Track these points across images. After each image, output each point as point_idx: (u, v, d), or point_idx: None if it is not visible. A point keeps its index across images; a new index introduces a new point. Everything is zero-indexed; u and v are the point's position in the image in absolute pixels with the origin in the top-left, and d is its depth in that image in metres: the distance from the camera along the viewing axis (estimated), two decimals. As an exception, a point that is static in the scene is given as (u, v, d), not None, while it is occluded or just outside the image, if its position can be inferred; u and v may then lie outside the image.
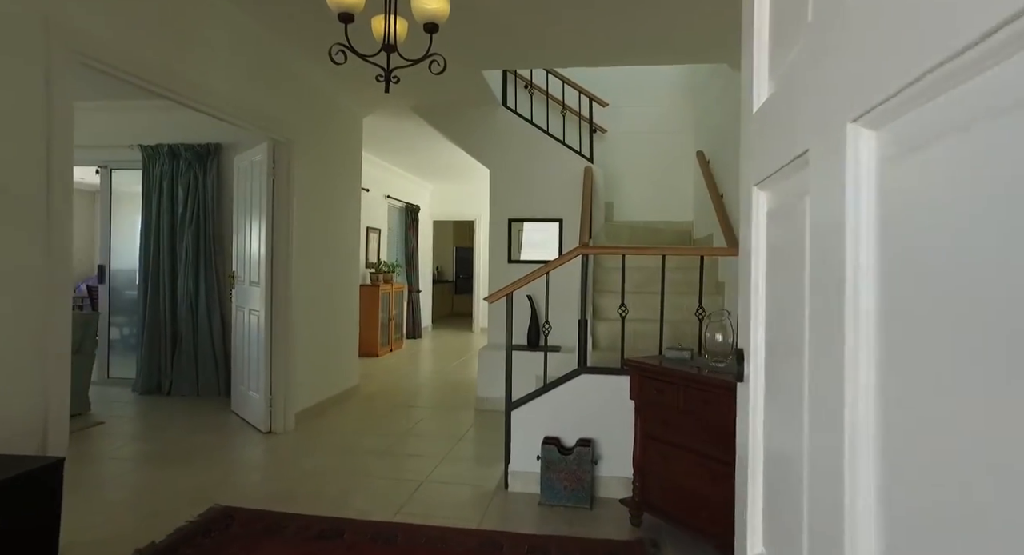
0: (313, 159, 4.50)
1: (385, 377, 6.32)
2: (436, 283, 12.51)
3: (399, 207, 9.23)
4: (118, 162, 5.37)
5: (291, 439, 3.98)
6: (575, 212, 5.16)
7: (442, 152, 7.41)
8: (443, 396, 5.46)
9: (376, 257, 8.22)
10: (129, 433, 4.08)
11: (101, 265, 5.51)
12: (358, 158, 5.38)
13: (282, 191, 4.06)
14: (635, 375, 2.75)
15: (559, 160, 5.26)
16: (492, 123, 5.31)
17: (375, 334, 7.63)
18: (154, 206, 5.17)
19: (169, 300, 5.14)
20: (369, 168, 7.76)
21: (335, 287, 4.95)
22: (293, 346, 4.19)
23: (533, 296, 5.06)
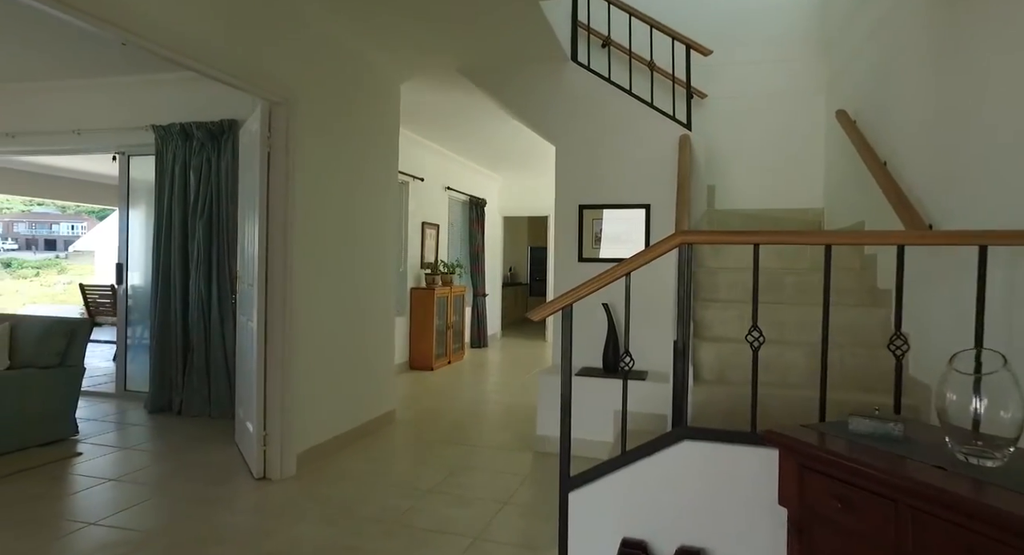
0: (329, 130, 3.57)
1: (433, 398, 5.33)
2: (508, 285, 11.51)
3: (462, 200, 8.28)
4: (136, 147, 4.73)
5: (283, 491, 3.03)
6: (667, 195, 3.92)
7: (507, 133, 6.35)
8: (497, 428, 4.38)
9: (434, 256, 7.30)
10: (94, 471, 3.30)
11: (119, 264, 4.90)
12: (394, 133, 4.42)
13: (279, 167, 3.14)
14: (790, 462, 1.53)
15: (646, 128, 4.03)
16: (558, 84, 4.17)
17: (429, 344, 6.70)
18: (166, 195, 4.46)
19: (180, 305, 4.41)
20: (424, 155, 6.85)
21: (363, 292, 4.00)
22: (294, 366, 3.26)
23: (612, 304, 3.88)
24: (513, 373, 6.72)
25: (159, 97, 4.58)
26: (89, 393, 5.05)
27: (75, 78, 4.71)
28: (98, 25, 2.21)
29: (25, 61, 4.41)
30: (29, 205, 26.43)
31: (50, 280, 21.47)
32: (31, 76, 4.74)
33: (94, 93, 4.77)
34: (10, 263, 23.00)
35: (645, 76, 4.20)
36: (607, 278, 2.06)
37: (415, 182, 6.73)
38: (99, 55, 4.21)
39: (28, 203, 25.49)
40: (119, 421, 4.26)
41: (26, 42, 4.06)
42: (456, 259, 7.86)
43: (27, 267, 22.87)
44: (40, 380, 3.62)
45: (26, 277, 21.32)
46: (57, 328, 3.69)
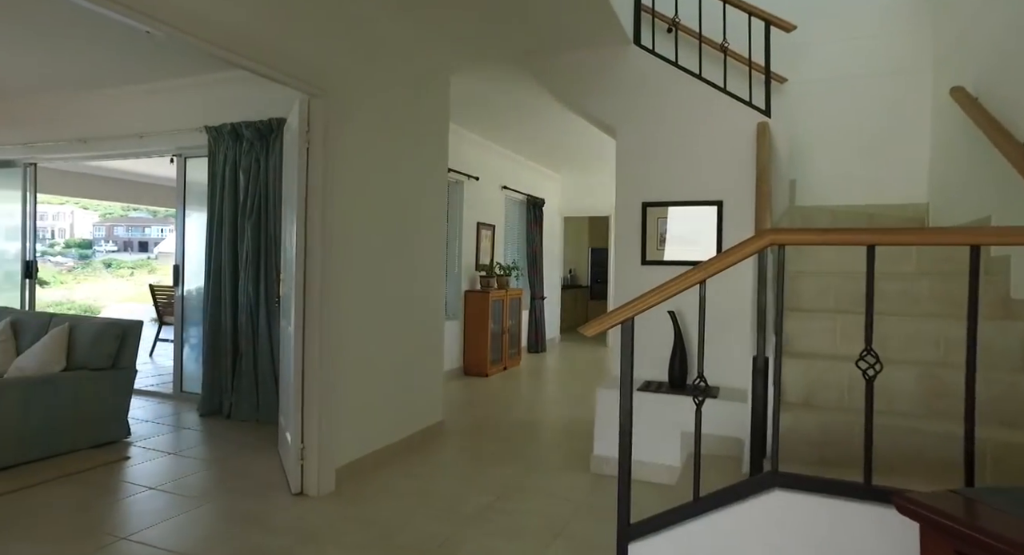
0: (373, 125, 3.37)
1: (485, 407, 5.08)
2: (567, 288, 11.16)
3: (519, 200, 8.01)
4: (191, 149, 4.74)
5: (319, 510, 2.84)
6: (742, 190, 3.50)
7: (565, 129, 6.03)
8: (552, 444, 4.06)
9: (489, 258, 7.07)
10: (138, 477, 3.24)
11: (176, 265, 4.93)
12: (443, 128, 4.19)
13: (318, 163, 2.96)
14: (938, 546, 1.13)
15: (718, 116, 3.62)
16: (619, 70, 3.82)
17: (484, 349, 6.46)
18: (217, 196, 4.43)
19: (230, 307, 4.36)
20: (479, 153, 6.63)
21: (410, 296, 3.79)
22: (334, 375, 3.07)
23: (679, 311, 3.50)
24: (572, 381, 6.38)
25: (211, 98, 4.55)
26: (151, 393, 5.12)
27: (136, 84, 4.77)
28: (123, 12, 2.07)
29: (92, 70, 4.49)
30: (127, 210, 28.41)
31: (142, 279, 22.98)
32: (99, 84, 4.84)
33: (153, 97, 4.82)
34: (110, 263, 24.76)
35: (716, 62, 3.78)
36: (677, 286, 1.72)
37: (470, 181, 6.51)
38: (156, 60, 4.22)
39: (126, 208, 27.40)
40: (171, 424, 4.24)
41: (92, 52, 4.13)
42: (512, 261, 7.60)
43: (124, 267, 24.57)
44: (93, 382, 3.61)
45: (123, 276, 22.87)
46: (109, 330, 3.68)
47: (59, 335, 3.66)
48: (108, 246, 30.22)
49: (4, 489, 2.99)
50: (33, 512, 2.75)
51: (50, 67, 4.51)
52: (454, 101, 5.07)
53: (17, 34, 3.89)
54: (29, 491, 2.99)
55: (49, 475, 3.18)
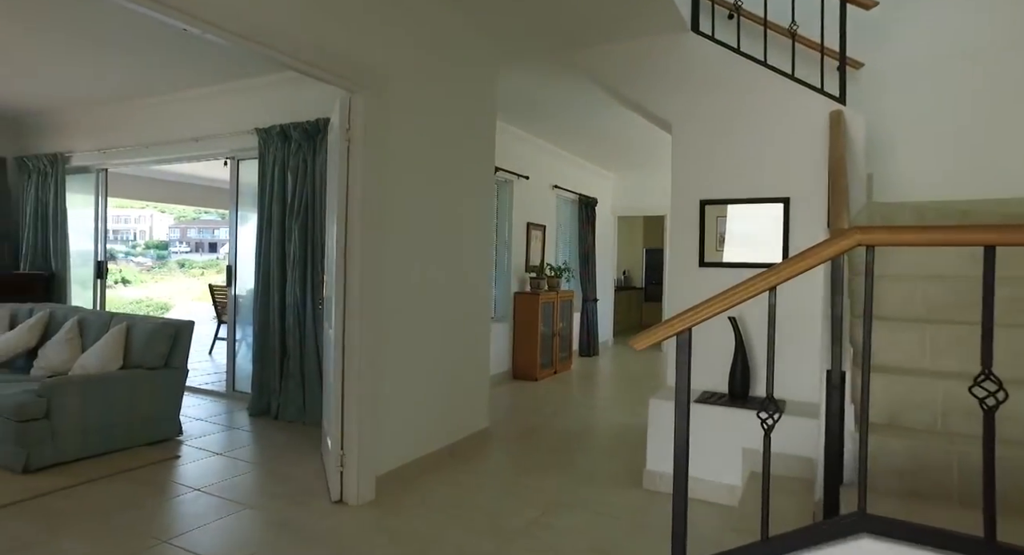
0: (417, 121, 3.27)
1: (534, 413, 4.91)
2: (621, 290, 10.86)
3: (570, 200, 7.81)
4: (243, 151, 4.80)
5: (357, 520, 2.76)
6: (812, 185, 3.20)
7: (619, 125, 5.80)
8: (603, 454, 3.86)
9: (540, 259, 6.90)
10: (185, 477, 3.26)
11: (229, 266, 5.02)
12: (490, 126, 4.05)
13: (358, 161, 2.88)
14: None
15: (784, 105, 3.32)
16: (675, 59, 3.58)
17: (533, 352, 6.30)
18: (267, 198, 4.46)
19: (278, 309, 4.38)
20: (529, 151, 6.48)
21: (455, 298, 3.67)
22: (375, 380, 2.99)
23: (740, 317, 3.23)
24: (625, 386, 6.13)
25: (261, 100, 4.60)
26: (206, 391, 5.24)
27: (191, 89, 4.88)
28: (156, 9, 2.04)
29: (153, 78, 4.63)
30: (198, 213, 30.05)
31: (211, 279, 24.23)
32: (158, 91, 4.99)
33: (207, 101, 4.92)
34: (184, 263, 26.23)
35: (782, 50, 3.48)
36: (743, 293, 1.50)
37: (520, 180, 6.37)
38: (208, 65, 4.29)
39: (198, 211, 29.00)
40: (222, 423, 4.30)
41: (152, 61, 4.26)
42: (564, 262, 7.41)
43: (195, 267, 25.98)
44: (147, 381, 3.69)
45: (194, 276, 24.17)
46: (162, 330, 3.75)
47: (117, 334, 3.75)
48: (182, 247, 32.01)
49: (64, 484, 3.07)
50: (86, 509, 2.79)
51: (117, 77, 4.68)
52: (503, 98, 4.95)
53: (89, 49, 4.07)
54: (86, 487, 3.05)
55: (105, 471, 3.24)
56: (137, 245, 27.95)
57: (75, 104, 5.58)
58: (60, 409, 3.29)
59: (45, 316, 4.36)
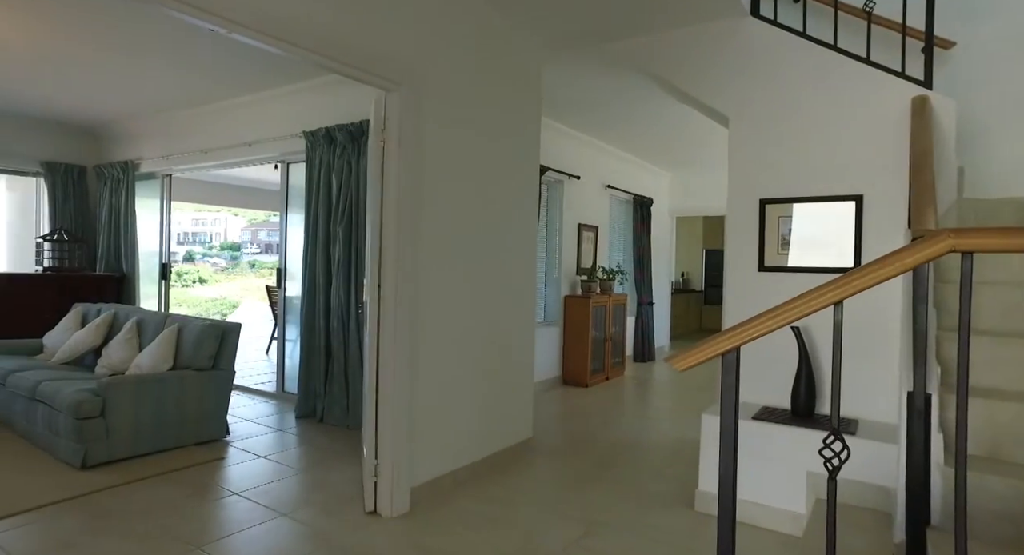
0: (455, 120, 3.16)
1: (582, 421, 4.71)
2: (679, 293, 10.46)
3: (624, 200, 7.54)
4: (292, 155, 4.86)
5: (389, 534, 2.66)
6: (890, 181, 2.87)
7: (675, 121, 5.51)
8: (654, 469, 3.62)
9: (591, 261, 6.68)
10: (228, 479, 3.27)
11: (279, 268, 5.09)
12: (534, 124, 3.89)
13: (393, 162, 2.79)
14: None
15: (858, 92, 3.00)
16: (733, 46, 3.31)
17: (584, 358, 6.09)
18: (312, 201, 4.48)
19: (323, 311, 4.39)
20: (581, 150, 6.28)
21: (497, 302, 3.54)
22: (410, 387, 2.89)
23: (805, 328, 2.94)
24: (681, 395, 5.83)
25: (308, 103, 4.63)
26: (258, 391, 5.34)
27: (244, 94, 4.98)
28: (184, 10, 2.00)
29: (208, 85, 4.75)
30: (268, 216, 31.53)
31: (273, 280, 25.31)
32: (214, 97, 5.13)
33: (259, 106, 5.01)
34: (254, 264, 27.56)
35: (854, 31, 3.15)
36: (800, 308, 1.28)
37: (570, 180, 6.18)
38: (260, 70, 4.35)
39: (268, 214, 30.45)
40: (268, 425, 4.34)
41: (207, 68, 4.39)
42: (617, 264, 7.15)
43: (264, 267, 27.24)
44: (195, 382, 3.75)
45: (263, 276, 25.33)
46: (209, 332, 3.81)
47: (168, 336, 3.84)
48: (253, 248, 33.60)
49: (114, 482, 3.14)
50: (129, 509, 2.83)
51: (178, 86, 4.84)
52: (551, 94, 4.78)
53: (152, 61, 4.25)
54: (133, 486, 3.11)
55: (152, 471, 3.31)
56: (213, 246, 29.56)
57: (143, 114, 5.83)
58: (114, 408, 3.38)
59: (109, 316, 4.55)
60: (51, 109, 5.75)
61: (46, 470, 3.28)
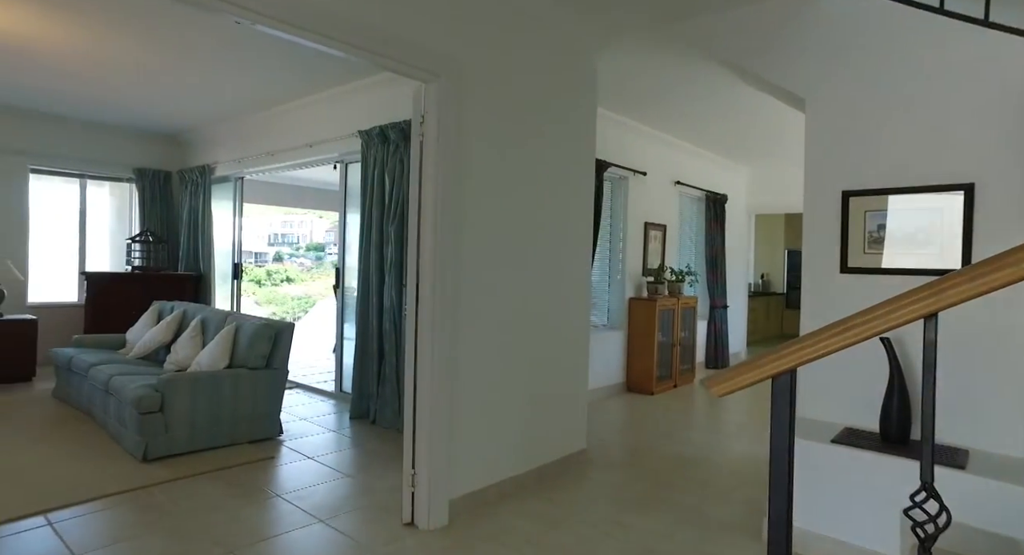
0: (501, 113, 2.99)
1: (645, 432, 4.42)
2: (757, 295, 9.82)
3: (695, 197, 7.10)
4: (350, 154, 4.87)
5: (425, 548, 2.52)
6: (1009, 166, 2.41)
7: (750, 110, 5.09)
8: (718, 490, 3.30)
9: (659, 262, 6.33)
10: (274, 481, 3.26)
11: (337, 268, 5.13)
12: (589, 116, 3.65)
13: (431, 158, 2.66)
14: None
15: (967, 61, 2.55)
16: (808, 18, 2.93)
17: (649, 363, 5.76)
18: (367, 200, 4.45)
19: (376, 312, 4.35)
20: (647, 145, 5.95)
21: (548, 305, 3.34)
22: (451, 393, 2.75)
23: (898, 339, 2.55)
24: (756, 407, 5.38)
25: (364, 102, 4.62)
26: (318, 390, 5.42)
27: (305, 96, 5.06)
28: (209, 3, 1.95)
29: (272, 88, 4.86)
30: (345, 217, 33.02)
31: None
32: (278, 100, 5.24)
33: (318, 108, 5.07)
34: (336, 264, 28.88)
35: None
36: (875, 324, 1.00)
37: (636, 177, 5.86)
38: (318, 70, 4.39)
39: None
40: (322, 425, 4.35)
41: (271, 73, 4.49)
42: (687, 265, 6.74)
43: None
44: (249, 380, 3.80)
45: (340, 275, 26.47)
46: (263, 331, 3.84)
47: (226, 335, 3.92)
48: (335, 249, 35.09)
49: (168, 476, 3.21)
50: (178, 506, 2.87)
51: (246, 92, 4.99)
52: (614, 87, 4.53)
53: (224, 69, 4.42)
54: (185, 482, 3.17)
55: (205, 468, 3.36)
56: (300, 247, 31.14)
57: (218, 120, 6.08)
58: (172, 404, 3.47)
59: (179, 314, 4.73)
60: (141, 119, 6.12)
61: (113, 460, 3.41)
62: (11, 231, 5.96)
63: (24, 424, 4.11)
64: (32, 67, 4.47)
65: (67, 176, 6.40)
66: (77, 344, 4.93)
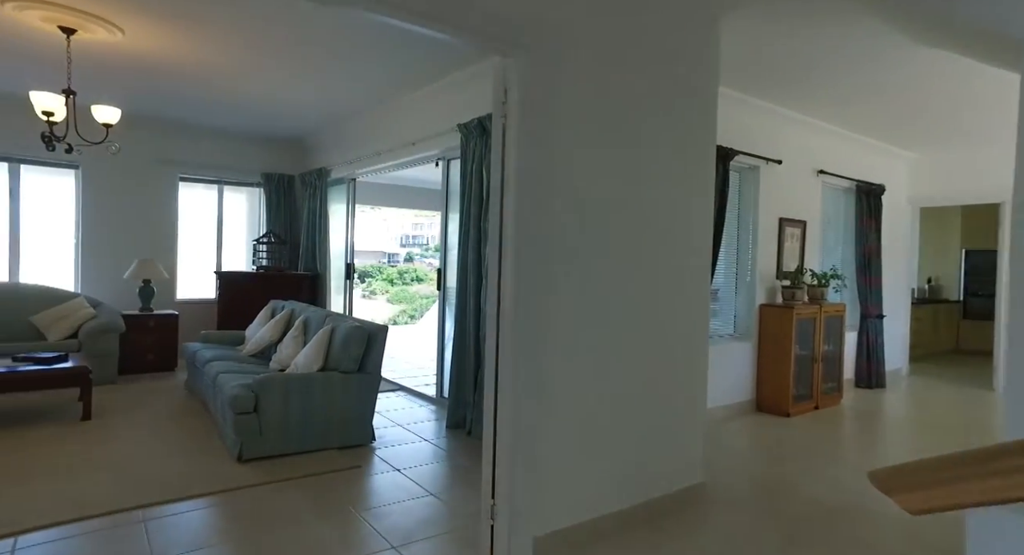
0: (600, 90, 2.56)
1: (775, 464, 3.73)
2: (923, 303, 8.39)
3: (844, 188, 6.10)
4: (451, 151, 4.68)
5: (502, 594, 2.17)
6: None
7: (916, 78, 4.16)
8: (882, 549, 2.60)
9: (797, 263, 5.48)
10: (354, 494, 3.09)
11: (439, 269, 4.96)
12: (708, 97, 3.09)
13: (512, 144, 2.30)
14: None
15: None
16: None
17: (785, 380, 4.98)
18: (466, 197, 4.21)
19: (474, 316, 4.09)
20: (781, 128, 5.18)
21: (656, 315, 2.85)
22: (536, 412, 2.38)
23: None
24: (927, 440, 4.41)
25: (462, 95, 4.39)
26: (420, 394, 5.30)
27: (408, 93, 4.95)
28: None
29: (378, 89, 4.82)
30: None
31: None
32: (385, 99, 5.20)
33: (418, 105, 4.94)
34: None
35: None
36: None
37: (768, 166, 5.10)
38: (417, 66, 4.25)
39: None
40: (416, 433, 4.17)
41: (375, 73, 4.44)
42: (832, 267, 5.79)
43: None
44: (340, 384, 3.70)
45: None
46: (356, 334, 3.73)
47: (322, 336, 3.86)
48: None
49: (256, 480, 3.16)
50: (259, 514, 2.78)
51: (356, 93, 5.00)
52: (740, 59, 3.89)
53: (334, 69, 4.42)
54: (271, 488, 3.10)
55: (293, 473, 3.28)
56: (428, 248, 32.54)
57: (333, 123, 6.23)
58: (266, 405, 3.45)
59: (287, 313, 4.83)
60: (267, 126, 6.45)
61: (213, 459, 3.45)
62: (164, 234, 6.54)
63: (153, 413, 4.37)
64: (168, 79, 4.77)
65: (207, 182, 6.92)
66: (203, 339, 5.22)
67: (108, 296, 6.09)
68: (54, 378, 4.05)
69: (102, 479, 3.11)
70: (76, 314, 5.42)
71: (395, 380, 5.94)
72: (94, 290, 6.08)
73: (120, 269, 6.11)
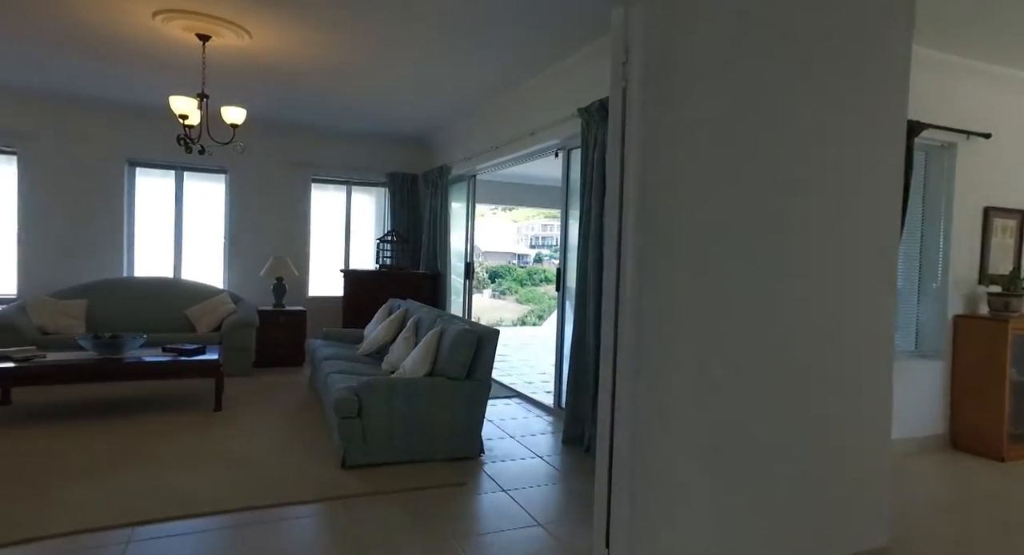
0: (749, 50, 2.01)
1: (988, 525, 2.84)
2: None
3: (1078, 167, 4.74)
4: (571, 140, 4.26)
5: None
6: None
7: None
8: None
9: (1012, 264, 4.33)
10: (448, 516, 2.78)
11: (558, 269, 4.56)
12: (897, 60, 2.36)
13: (635, 111, 1.83)
14: None
15: None
16: None
17: (996, 413, 3.93)
18: (587, 189, 3.77)
19: (593, 323, 3.63)
20: (987, 95, 4.15)
21: (816, 330, 2.22)
22: (657, 452, 1.89)
23: None
24: None
25: (580, 78, 3.98)
26: (537, 403, 4.95)
27: (525, 81, 4.60)
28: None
29: (490, 78, 4.55)
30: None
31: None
32: (498, 90, 4.90)
33: (536, 91, 4.58)
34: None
35: None
36: None
37: (970, 142, 4.06)
38: (532, 50, 3.90)
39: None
40: (530, 447, 3.81)
41: (489, 62, 4.23)
42: (1060, 269, 4.51)
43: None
44: (446, 391, 3.43)
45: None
46: (464, 338, 3.44)
47: (430, 339, 3.64)
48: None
49: (355, 490, 2.97)
50: (355, 530, 2.57)
51: (471, 83, 4.78)
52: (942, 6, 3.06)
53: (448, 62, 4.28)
54: (367, 500, 2.89)
55: (394, 486, 3.06)
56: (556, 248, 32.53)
57: (453, 119, 6.10)
58: (370, 410, 3.27)
59: (402, 312, 4.71)
60: (391, 126, 6.51)
61: (318, 463, 3.34)
62: (297, 234, 6.86)
63: (277, 408, 4.46)
64: (294, 82, 4.88)
65: (337, 183, 7.16)
66: (324, 336, 5.29)
67: (248, 293, 6.47)
68: (188, 369, 4.26)
69: (214, 474, 3.12)
70: (220, 309, 5.79)
71: (511, 385, 5.65)
72: (237, 287, 6.49)
73: (258, 267, 6.47)
